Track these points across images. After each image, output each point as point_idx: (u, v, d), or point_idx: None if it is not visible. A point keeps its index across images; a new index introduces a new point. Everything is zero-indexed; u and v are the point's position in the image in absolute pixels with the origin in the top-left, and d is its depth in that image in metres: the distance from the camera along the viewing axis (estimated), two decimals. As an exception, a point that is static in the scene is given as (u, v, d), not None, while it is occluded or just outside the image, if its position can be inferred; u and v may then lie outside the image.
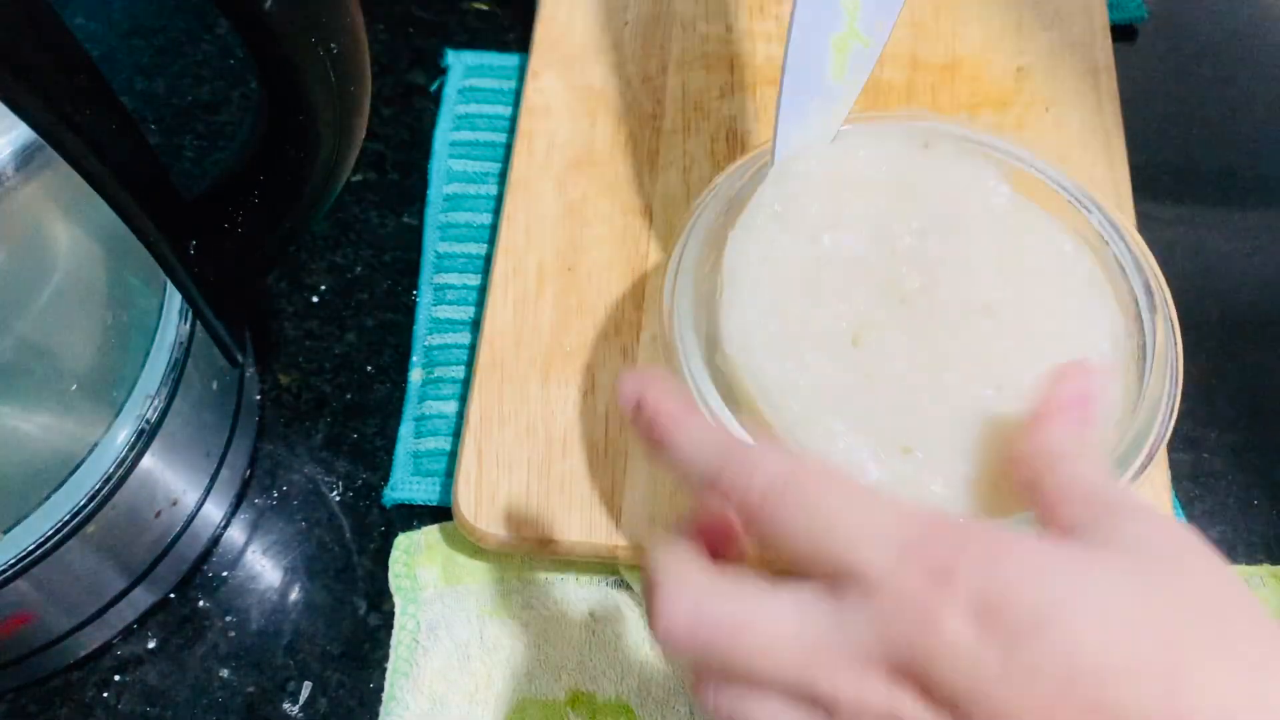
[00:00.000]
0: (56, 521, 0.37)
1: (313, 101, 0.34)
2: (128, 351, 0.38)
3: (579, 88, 0.52)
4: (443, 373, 0.48)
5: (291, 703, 0.42)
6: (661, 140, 0.50)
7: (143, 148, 0.35)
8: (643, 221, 0.48)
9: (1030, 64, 0.52)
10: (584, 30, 0.53)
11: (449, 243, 0.51)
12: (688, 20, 0.54)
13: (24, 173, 0.31)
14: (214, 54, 0.56)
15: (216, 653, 0.43)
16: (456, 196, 0.52)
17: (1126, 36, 0.58)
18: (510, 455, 0.44)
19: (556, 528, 0.42)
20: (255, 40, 0.32)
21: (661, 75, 0.52)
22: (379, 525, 0.46)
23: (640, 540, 0.42)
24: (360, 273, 0.51)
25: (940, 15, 0.54)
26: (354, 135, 0.36)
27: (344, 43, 0.33)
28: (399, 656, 0.43)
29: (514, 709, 0.42)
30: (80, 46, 0.30)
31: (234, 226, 0.37)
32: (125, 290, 0.38)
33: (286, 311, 0.50)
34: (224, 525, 0.46)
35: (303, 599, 0.44)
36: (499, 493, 0.43)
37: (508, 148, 0.53)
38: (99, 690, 0.43)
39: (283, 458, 0.47)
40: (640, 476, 0.43)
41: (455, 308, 0.49)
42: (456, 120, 0.54)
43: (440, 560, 0.44)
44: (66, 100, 0.29)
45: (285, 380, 0.49)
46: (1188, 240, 0.52)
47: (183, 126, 0.54)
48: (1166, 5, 0.59)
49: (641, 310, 0.46)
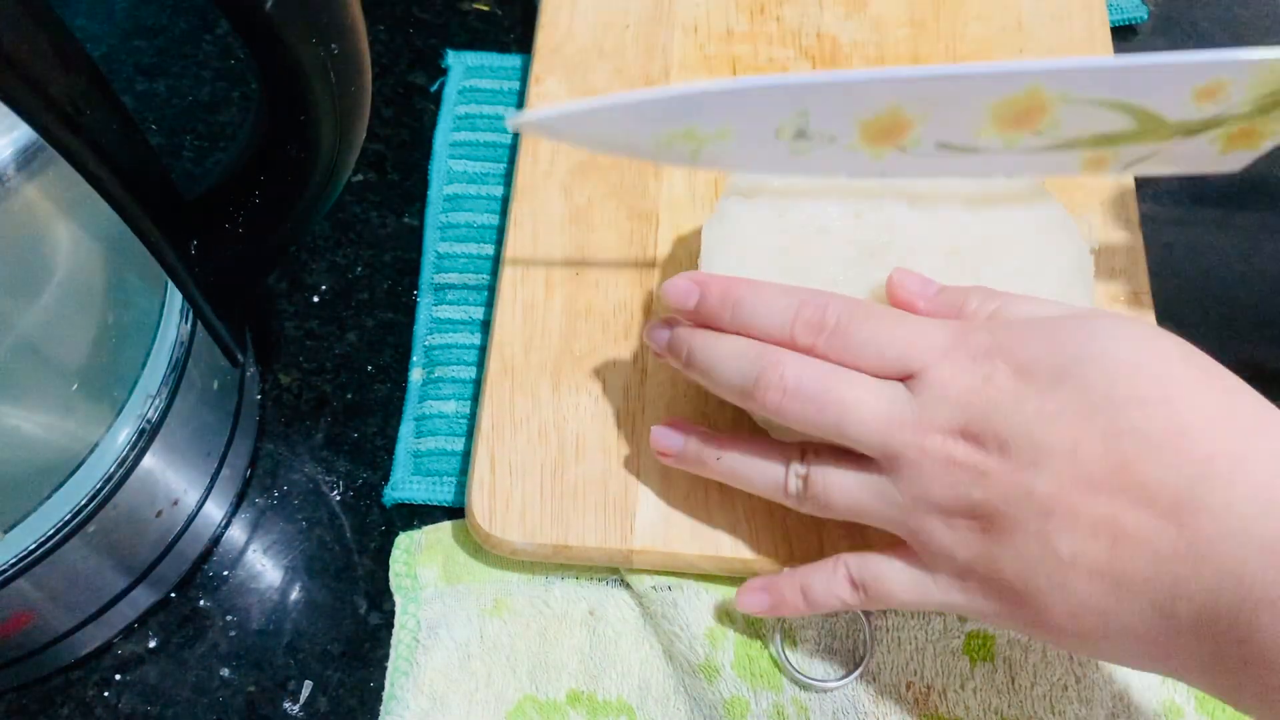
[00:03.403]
0: (57, 521, 0.37)
1: (313, 101, 0.34)
2: (128, 351, 0.38)
3: (582, 92, 0.52)
4: (443, 373, 0.48)
5: (292, 702, 0.43)
6: (662, 141, 0.50)
7: (143, 148, 0.35)
8: (649, 225, 0.48)
9: (1030, 64, 0.52)
10: (586, 34, 0.53)
11: (449, 243, 0.51)
12: (688, 23, 0.54)
13: (24, 173, 0.31)
14: (214, 54, 0.56)
15: (217, 652, 0.43)
16: (457, 197, 0.52)
17: (1126, 36, 0.58)
18: (523, 461, 0.44)
19: (571, 533, 0.42)
20: (255, 40, 0.32)
21: (664, 78, 0.52)
22: (379, 525, 0.46)
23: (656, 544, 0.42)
24: (360, 273, 0.51)
25: (940, 15, 0.54)
26: (354, 135, 0.36)
27: (344, 43, 0.33)
28: (399, 656, 0.43)
29: (514, 709, 0.42)
30: (80, 46, 0.30)
31: (234, 226, 0.37)
32: (125, 290, 0.38)
33: (287, 311, 0.50)
34: (224, 525, 0.46)
35: (303, 598, 0.44)
36: (513, 499, 0.43)
37: (510, 149, 0.53)
38: (99, 689, 0.43)
39: (283, 457, 0.47)
40: (654, 479, 0.43)
41: (455, 308, 0.49)
42: (457, 121, 0.54)
43: (441, 560, 0.44)
44: (66, 100, 0.29)
45: (286, 380, 0.49)
46: (1188, 240, 0.52)
47: (183, 126, 0.54)
48: (1166, 5, 0.59)
49: (650, 314, 0.47)
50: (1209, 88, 0.38)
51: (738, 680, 0.41)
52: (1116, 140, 0.40)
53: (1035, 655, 0.42)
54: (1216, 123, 0.39)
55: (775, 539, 0.42)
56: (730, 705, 0.41)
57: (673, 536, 0.42)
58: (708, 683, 0.41)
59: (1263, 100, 0.38)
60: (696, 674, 0.42)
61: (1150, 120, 0.39)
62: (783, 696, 0.41)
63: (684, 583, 0.43)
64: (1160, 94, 0.38)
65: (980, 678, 0.41)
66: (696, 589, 0.43)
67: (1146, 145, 0.40)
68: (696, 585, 0.43)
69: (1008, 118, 0.39)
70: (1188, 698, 0.42)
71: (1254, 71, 0.37)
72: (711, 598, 0.43)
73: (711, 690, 0.41)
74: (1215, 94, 0.38)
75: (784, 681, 0.42)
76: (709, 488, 0.43)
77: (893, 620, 0.43)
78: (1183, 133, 0.40)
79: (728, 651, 0.42)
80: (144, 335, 0.39)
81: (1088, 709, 0.41)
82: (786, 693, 0.41)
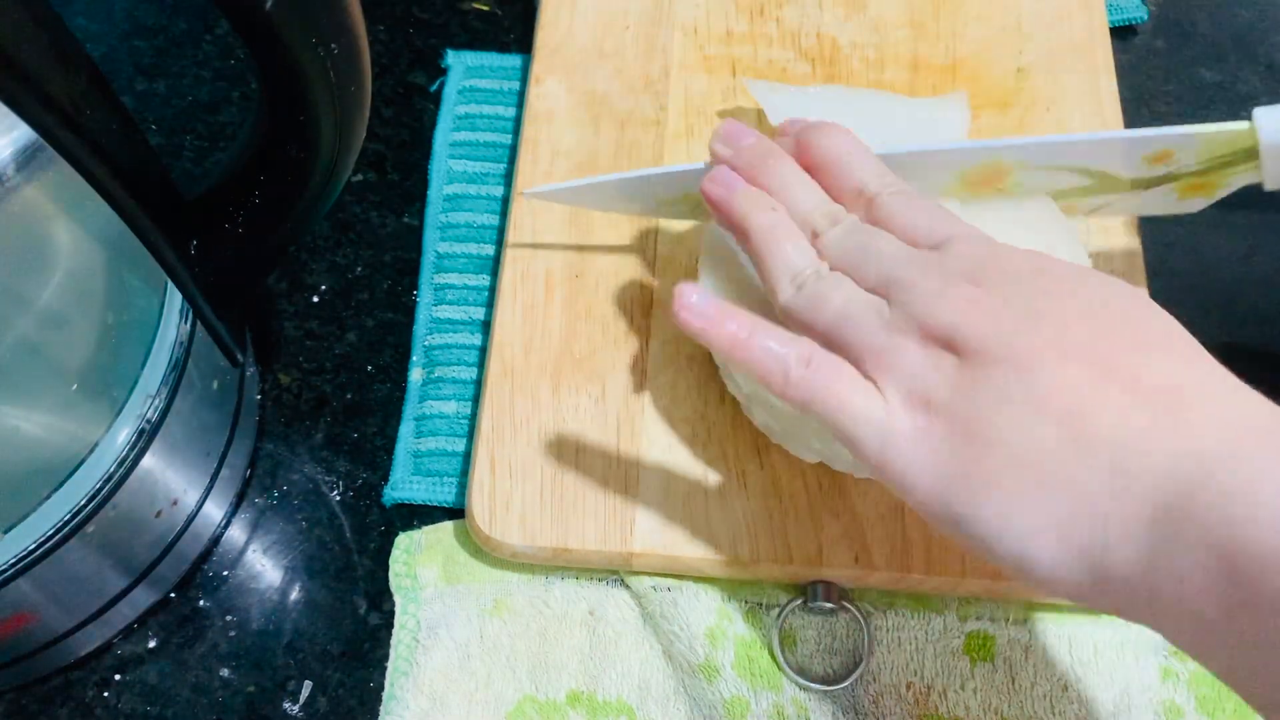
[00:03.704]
0: (57, 521, 0.37)
1: (313, 101, 0.34)
2: (128, 351, 0.38)
3: (582, 92, 0.52)
4: (443, 373, 0.48)
5: (292, 702, 0.43)
6: (665, 145, 0.50)
7: (143, 148, 0.35)
8: (649, 227, 0.48)
9: (1031, 64, 0.52)
10: (585, 35, 0.53)
11: (449, 243, 0.51)
12: (688, 24, 0.54)
13: (24, 173, 0.31)
14: (214, 54, 0.56)
15: (217, 652, 0.43)
16: (457, 197, 0.52)
17: (1126, 36, 0.58)
18: (523, 464, 0.44)
19: (571, 536, 0.42)
20: (255, 40, 0.32)
21: (664, 79, 0.52)
22: (379, 525, 0.46)
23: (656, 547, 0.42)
24: (360, 273, 0.51)
25: (940, 16, 0.54)
26: (354, 135, 0.36)
27: (344, 43, 0.33)
28: (399, 656, 0.43)
29: (514, 709, 0.42)
30: (80, 46, 0.30)
31: (234, 226, 0.37)
32: (125, 290, 0.38)
33: (287, 311, 0.50)
34: (224, 525, 0.46)
35: (303, 598, 0.44)
36: (513, 501, 0.43)
37: (510, 149, 0.53)
38: (99, 689, 0.43)
39: (283, 457, 0.47)
40: (654, 481, 0.43)
41: (455, 308, 0.49)
42: (456, 120, 0.54)
43: (440, 560, 0.44)
44: (66, 100, 0.29)
45: (285, 380, 0.49)
46: (1187, 240, 0.52)
47: (183, 126, 0.54)
48: (1166, 6, 0.59)
49: (650, 316, 0.46)
50: (1158, 155, 0.41)
51: (738, 680, 0.41)
52: (1077, 194, 0.43)
53: (1036, 655, 0.42)
54: (1171, 178, 0.42)
55: (774, 540, 0.42)
56: (730, 705, 0.41)
57: (672, 539, 0.42)
58: (708, 683, 0.41)
59: (1212, 161, 0.40)
60: (696, 674, 0.42)
61: (1106, 179, 0.42)
62: (783, 696, 0.41)
63: (684, 583, 0.43)
64: (1112, 161, 0.41)
65: (980, 678, 0.41)
66: (696, 589, 0.43)
67: (1105, 196, 0.43)
68: (696, 586, 0.43)
69: (973, 180, 0.42)
70: (1188, 697, 0.42)
71: (1200, 142, 0.40)
72: (711, 598, 0.42)
73: (711, 690, 0.41)
74: (1165, 159, 0.41)
75: (784, 681, 0.42)
76: (709, 490, 0.43)
77: (893, 620, 0.43)
78: (1139, 186, 0.42)
79: (728, 651, 0.42)
80: (144, 335, 0.39)
81: (1088, 709, 0.41)
82: (786, 693, 0.41)
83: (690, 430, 0.44)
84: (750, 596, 0.43)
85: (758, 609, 0.43)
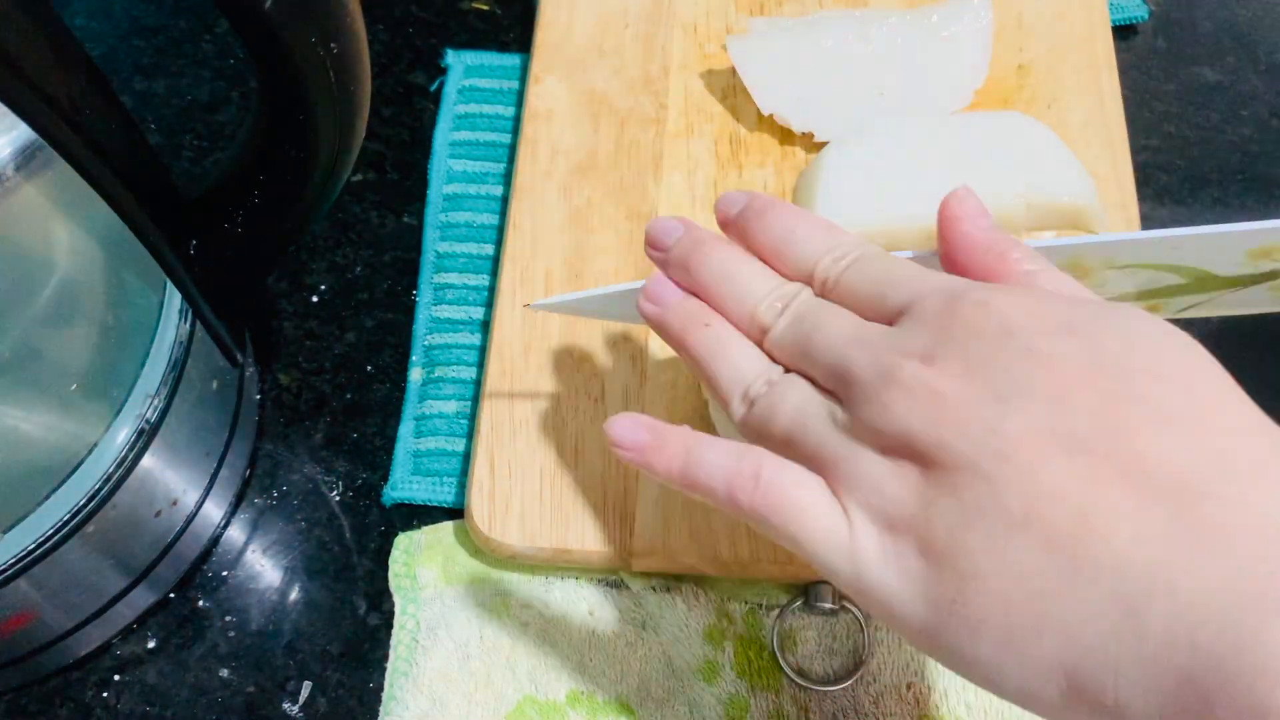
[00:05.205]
0: (56, 521, 0.37)
1: (313, 101, 0.34)
2: (128, 351, 0.38)
3: (581, 91, 0.52)
4: (443, 372, 0.48)
5: (291, 702, 0.42)
6: (665, 144, 0.50)
7: (143, 148, 0.35)
8: None
9: (1032, 61, 0.52)
10: (585, 34, 0.53)
11: (449, 242, 0.51)
12: (688, 23, 0.54)
13: (24, 173, 0.31)
14: (214, 54, 0.56)
15: (216, 652, 0.43)
16: (456, 196, 0.52)
17: (1127, 36, 0.58)
18: (522, 464, 0.44)
19: (571, 536, 0.42)
20: (255, 40, 0.32)
21: (663, 78, 0.52)
22: (379, 525, 0.46)
23: (655, 547, 0.42)
24: (360, 273, 0.51)
25: (940, 15, 0.54)
26: (354, 135, 0.36)
27: (344, 43, 0.33)
28: (399, 656, 0.43)
29: (514, 709, 0.42)
30: (80, 46, 0.30)
31: (234, 226, 0.37)
32: (125, 290, 0.38)
33: (286, 311, 0.50)
34: (224, 525, 0.46)
35: (302, 599, 0.44)
36: (512, 503, 0.43)
37: (509, 148, 0.53)
38: (99, 690, 0.43)
39: (283, 457, 0.47)
40: (653, 482, 0.43)
41: (455, 307, 0.49)
42: (456, 120, 0.54)
43: (440, 560, 0.44)
44: (66, 100, 0.29)
45: (285, 380, 0.49)
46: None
47: (183, 126, 0.54)
48: (1166, 5, 0.59)
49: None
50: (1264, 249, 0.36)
51: (738, 680, 0.41)
52: (1168, 293, 0.38)
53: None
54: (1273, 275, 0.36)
55: (774, 542, 0.42)
56: (730, 705, 0.41)
57: (672, 540, 0.42)
58: (708, 683, 0.41)
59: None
60: (696, 674, 0.42)
61: (1202, 276, 0.37)
62: (783, 697, 0.41)
63: (683, 584, 0.43)
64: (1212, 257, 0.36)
65: (980, 678, 0.41)
66: (696, 590, 0.43)
67: (1198, 296, 0.38)
68: (696, 586, 0.43)
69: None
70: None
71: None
72: (711, 598, 0.42)
73: (711, 690, 0.41)
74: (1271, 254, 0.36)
75: (784, 682, 0.41)
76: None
77: (893, 621, 0.43)
78: (1237, 285, 0.37)
79: (728, 651, 0.42)
80: (143, 335, 0.39)
81: (1088, 709, 0.41)
82: (786, 693, 0.41)
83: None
84: (750, 597, 0.43)
85: (757, 609, 0.43)
